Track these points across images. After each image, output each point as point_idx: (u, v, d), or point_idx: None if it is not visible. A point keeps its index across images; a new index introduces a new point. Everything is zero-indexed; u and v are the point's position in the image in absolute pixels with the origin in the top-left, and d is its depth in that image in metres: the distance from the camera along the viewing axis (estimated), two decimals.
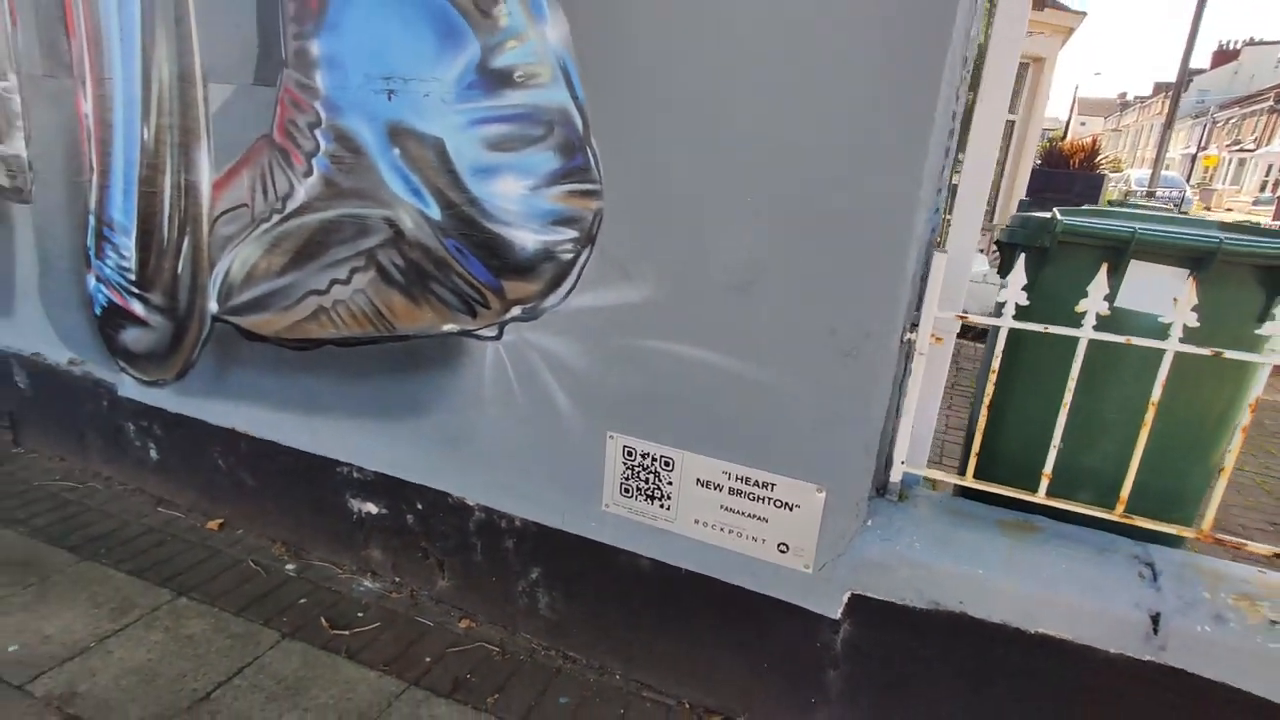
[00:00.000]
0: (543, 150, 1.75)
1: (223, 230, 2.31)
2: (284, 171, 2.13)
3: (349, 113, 1.97)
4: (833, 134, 1.48)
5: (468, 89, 1.79)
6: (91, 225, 2.60)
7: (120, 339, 2.70)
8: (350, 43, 1.91)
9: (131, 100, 2.32)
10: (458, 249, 1.93)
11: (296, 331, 2.28)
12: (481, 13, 1.73)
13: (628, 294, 1.75)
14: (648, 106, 1.62)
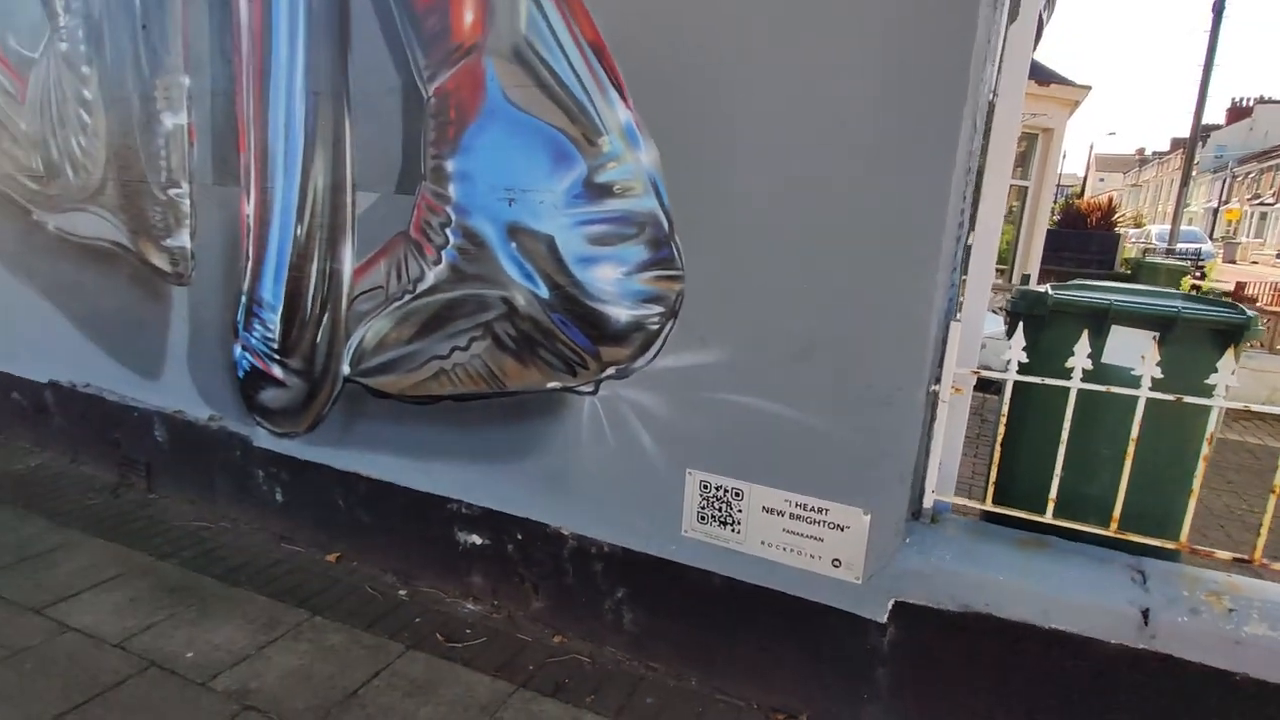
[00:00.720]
0: (636, 244, 2.23)
1: (360, 307, 2.82)
2: (417, 260, 2.64)
3: (475, 215, 2.48)
4: (869, 245, 1.93)
5: (575, 198, 2.29)
6: (243, 303, 3.13)
7: (259, 398, 3.20)
8: (479, 162, 2.43)
9: (289, 204, 2.88)
10: (562, 321, 2.40)
11: (419, 390, 2.75)
12: (589, 141, 2.24)
13: (704, 357, 2.20)
14: (719, 213, 2.10)
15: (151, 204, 3.28)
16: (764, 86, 1.98)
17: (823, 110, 1.93)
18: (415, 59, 2.47)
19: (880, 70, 1.85)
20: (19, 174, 3.76)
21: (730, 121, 2.04)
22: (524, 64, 2.28)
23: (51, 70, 3.44)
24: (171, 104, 3.09)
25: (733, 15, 1.99)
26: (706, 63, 2.04)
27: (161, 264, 3.34)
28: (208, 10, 2.89)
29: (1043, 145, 9.82)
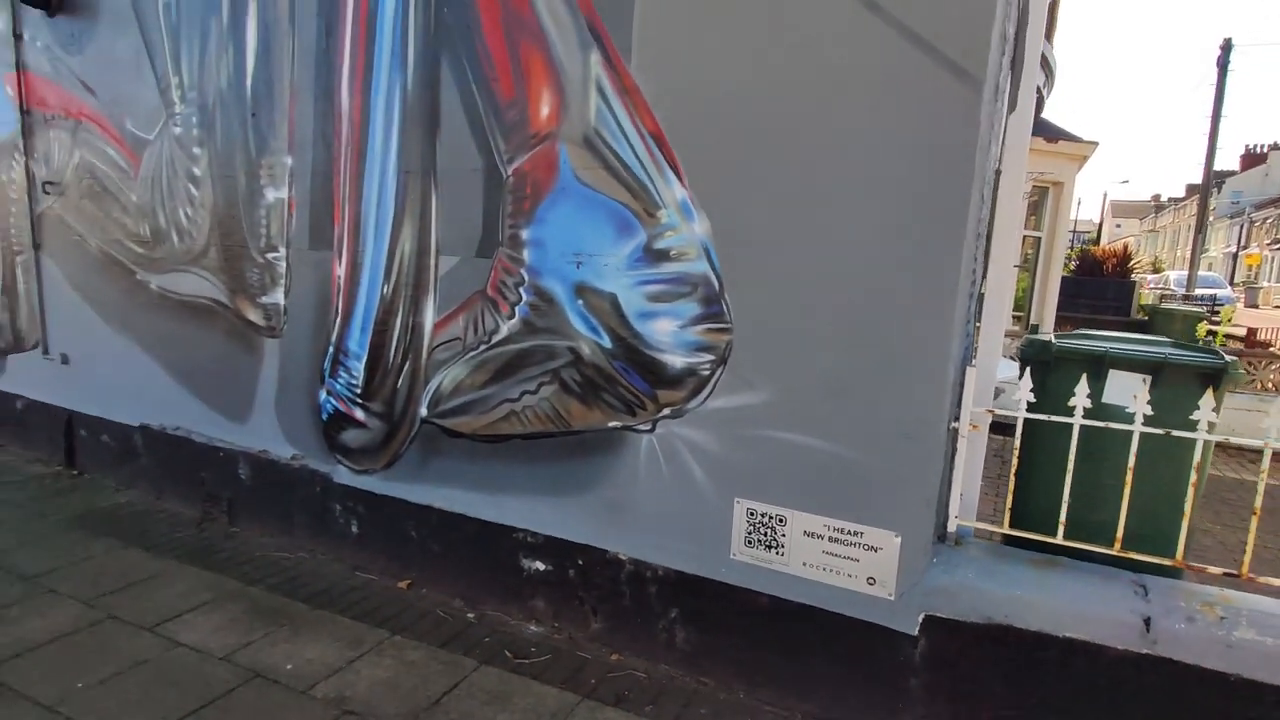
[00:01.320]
0: (689, 302, 2.58)
1: (438, 356, 3.18)
2: (492, 315, 3.01)
3: (546, 276, 2.86)
4: (892, 300, 2.27)
5: (636, 261, 2.66)
6: (330, 353, 3.51)
7: (340, 438, 3.55)
8: (551, 230, 2.82)
9: (378, 266, 3.28)
10: (624, 368, 2.74)
11: (490, 429, 3.09)
12: (648, 214, 2.62)
13: (750, 398, 2.52)
14: (763, 274, 2.45)
15: (250, 266, 3.71)
16: (800, 170, 2.35)
17: (851, 188, 2.29)
18: (496, 144, 2.89)
19: (900, 155, 2.22)
20: (127, 239, 4.24)
21: (773, 200, 2.40)
22: (593, 149, 2.68)
23: (165, 150, 3.94)
24: (274, 180, 3.54)
25: (771, 112, 2.37)
26: (752, 151, 2.42)
27: (256, 319, 3.75)
28: (313, 102, 3.35)
29: (1054, 197, 10.19)
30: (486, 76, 2.87)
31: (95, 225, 4.38)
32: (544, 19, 2.71)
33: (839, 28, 2.24)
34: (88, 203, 4.38)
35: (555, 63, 2.71)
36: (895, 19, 2.15)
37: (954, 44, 2.09)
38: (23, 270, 4.88)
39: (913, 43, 2.14)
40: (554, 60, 2.71)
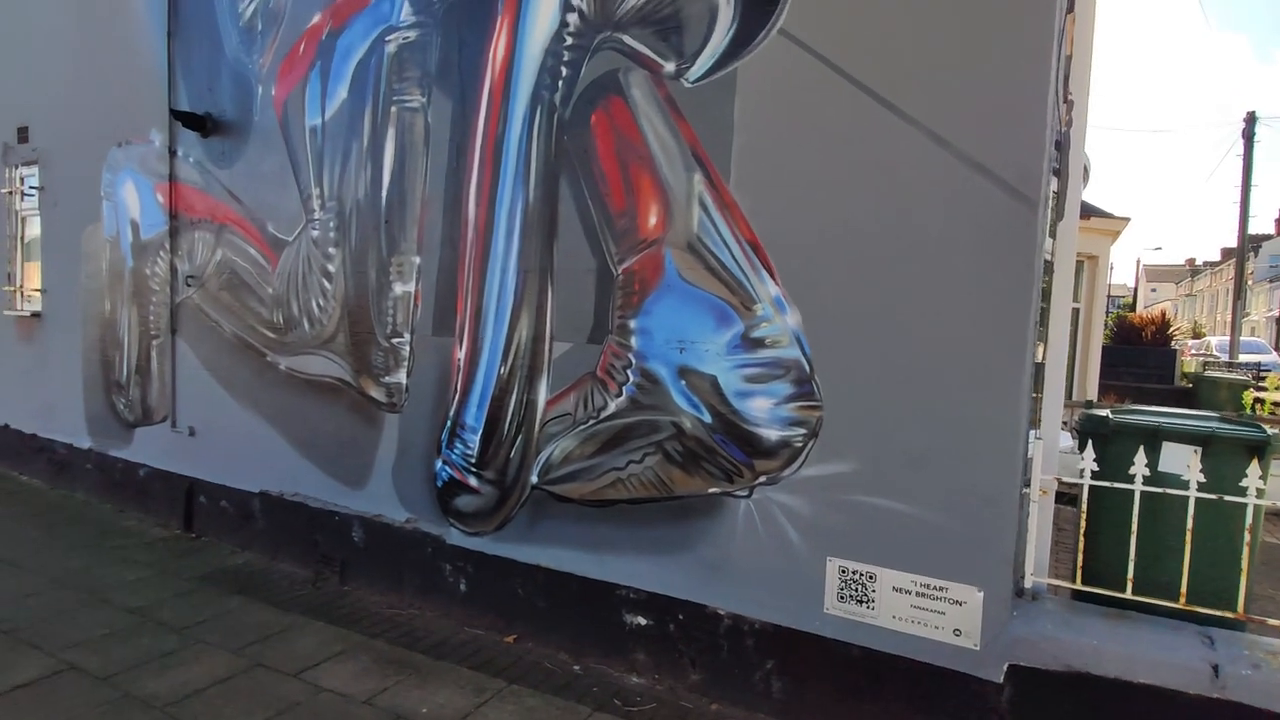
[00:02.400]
0: (783, 383, 2.98)
1: (550, 429, 3.60)
2: (601, 393, 3.44)
3: (652, 359, 3.29)
4: (966, 380, 2.64)
5: (734, 348, 3.08)
6: (447, 426, 3.96)
7: (454, 503, 3.96)
8: (657, 321, 3.27)
9: (496, 350, 3.75)
10: (723, 440, 3.12)
11: (597, 495, 3.47)
12: (745, 307, 3.05)
13: (840, 467, 2.88)
14: (849, 358, 2.84)
15: (375, 350, 4.22)
16: (880, 271, 2.78)
17: (924, 285, 2.70)
18: (608, 248, 3.38)
19: (967, 258, 2.63)
20: (260, 326, 4.81)
21: (856, 296, 2.83)
22: (695, 253, 3.15)
23: (302, 249, 4.54)
24: (403, 276, 4.09)
25: (853, 223, 2.82)
26: (837, 255, 2.86)
27: (379, 395, 4.23)
28: (442, 212, 3.92)
29: (1089, 270, 10.53)
30: (600, 192, 3.39)
31: (231, 313, 4.98)
32: (653, 145, 3.24)
33: (911, 157, 2.71)
34: (225, 294, 5.00)
35: (662, 181, 3.22)
36: (961, 150, 2.61)
37: (1012, 172, 2.54)
38: (158, 353, 5.48)
39: (976, 170, 2.59)
40: (661, 179, 3.22)
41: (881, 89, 2.74)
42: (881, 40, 2.74)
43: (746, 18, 2.99)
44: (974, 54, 2.60)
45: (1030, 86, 2.53)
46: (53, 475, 6.56)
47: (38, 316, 6.52)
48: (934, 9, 2.66)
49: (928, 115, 2.67)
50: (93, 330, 6.00)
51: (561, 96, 3.48)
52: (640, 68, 3.26)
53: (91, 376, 6.05)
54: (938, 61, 2.65)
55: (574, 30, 3.43)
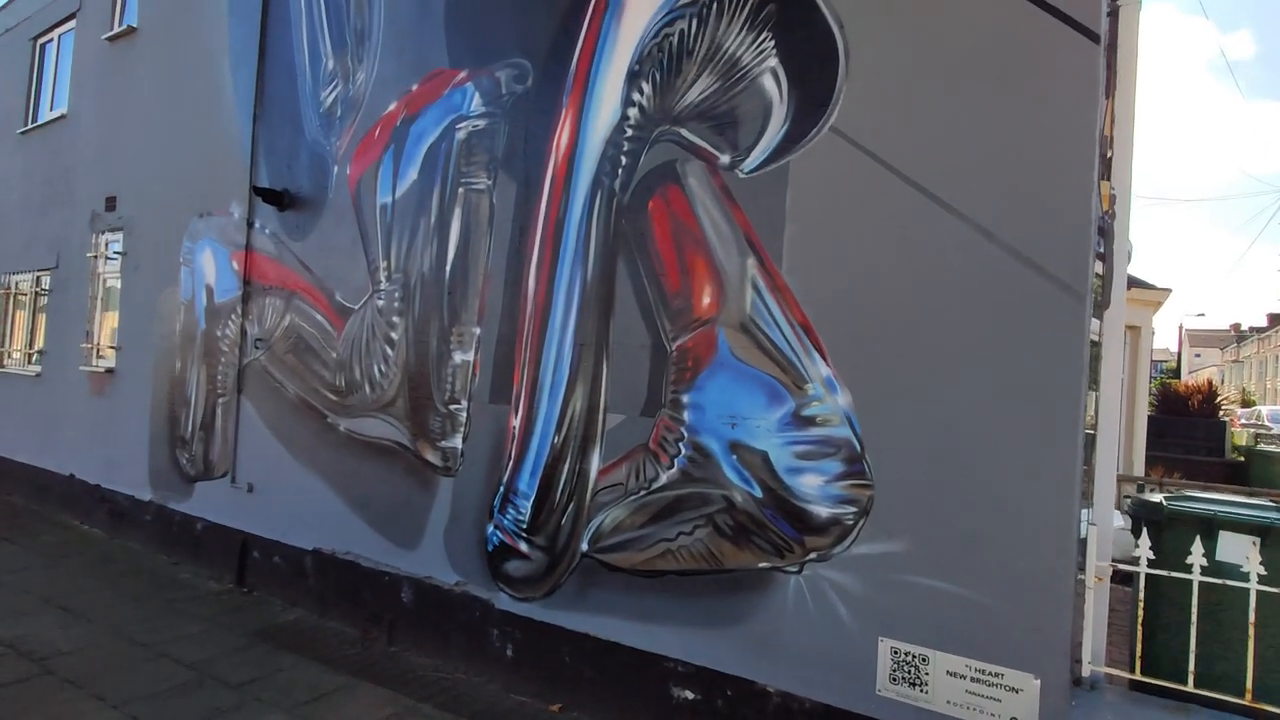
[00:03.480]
0: (833, 460, 3.06)
1: (601, 499, 3.70)
2: (653, 465, 3.54)
3: (704, 434, 3.40)
4: (1019, 462, 2.70)
5: (785, 425, 3.18)
6: (500, 492, 4.08)
7: (504, 568, 4.05)
8: (709, 396, 3.39)
9: (550, 420, 3.90)
10: (773, 516, 3.19)
11: (647, 565, 3.53)
12: (796, 386, 3.17)
13: (892, 546, 2.92)
14: (901, 439, 2.92)
15: (433, 415, 4.40)
16: (931, 356, 2.88)
17: (975, 370, 2.79)
18: (663, 325, 3.55)
19: (1018, 344, 2.72)
20: (322, 388, 5.05)
21: (907, 378, 2.92)
22: (748, 333, 3.29)
23: (367, 317, 4.80)
24: (463, 345, 4.30)
25: (904, 310, 2.94)
26: (888, 339, 2.98)
27: (434, 459, 4.39)
28: (503, 286, 4.14)
29: (1132, 341, 10.43)
30: (656, 272, 3.58)
31: (295, 375, 5.23)
32: (708, 231, 3.43)
33: (959, 248, 2.84)
34: (291, 356, 5.27)
35: (716, 264, 3.40)
36: (1007, 243, 2.74)
37: (1058, 263, 2.65)
38: (223, 410, 5.75)
39: (1022, 261, 2.71)
40: (715, 262, 3.40)
41: (929, 184, 2.90)
42: (929, 138, 2.91)
43: (799, 116, 3.20)
44: (1018, 150, 2.76)
45: (1072, 181, 2.66)
46: (112, 525, 6.81)
47: (111, 373, 6.89)
48: (978, 110, 2.83)
49: (974, 209, 2.81)
50: (162, 387, 6.33)
51: (621, 183, 3.71)
52: (697, 158, 3.49)
53: (158, 431, 6.34)
54: (983, 158, 2.81)
55: (634, 123, 3.68)
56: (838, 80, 3.10)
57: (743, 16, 3.36)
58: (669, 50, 3.57)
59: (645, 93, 3.64)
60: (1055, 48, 2.70)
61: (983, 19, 2.84)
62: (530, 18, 4.13)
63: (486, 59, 4.30)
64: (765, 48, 3.30)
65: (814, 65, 3.17)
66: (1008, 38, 2.79)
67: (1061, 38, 2.68)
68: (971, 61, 2.85)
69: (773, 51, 3.28)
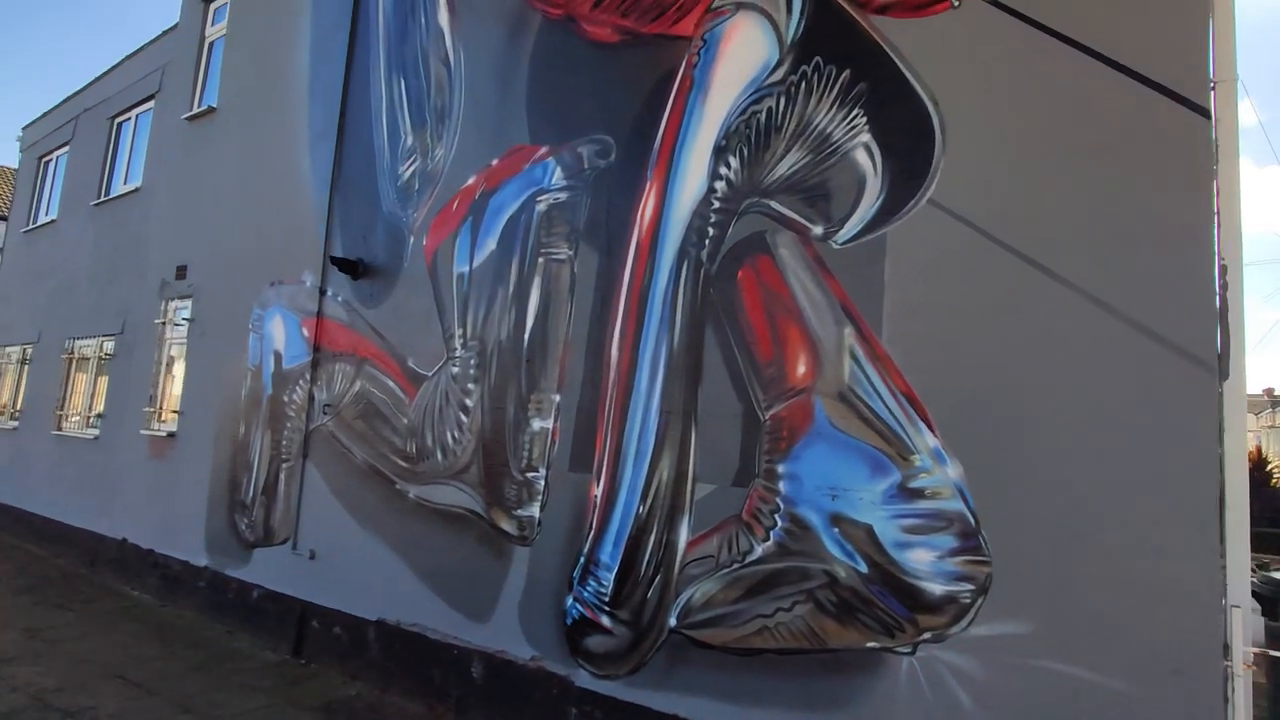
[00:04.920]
0: (946, 535, 2.96)
1: (690, 572, 3.61)
2: (747, 537, 3.46)
3: (801, 505, 3.32)
4: (1153, 542, 2.59)
5: (891, 498, 3.10)
6: (580, 563, 4.00)
7: (584, 643, 3.92)
8: (806, 467, 3.33)
9: (635, 489, 3.85)
10: (880, 593, 3.08)
11: (741, 643, 3.40)
12: (901, 457, 3.10)
13: (1014, 628, 2.79)
14: (1019, 515, 2.83)
15: (509, 482, 4.37)
16: (1047, 428, 2.82)
17: (1096, 443, 2.72)
18: (755, 394, 3.52)
19: (1143, 415, 2.66)
20: (391, 454, 5.05)
21: (1024, 451, 2.85)
22: (847, 402, 3.26)
23: (441, 384, 4.83)
24: (541, 413, 4.29)
25: (1016, 381, 2.90)
26: (1001, 410, 2.92)
27: (509, 528, 4.33)
28: (584, 354, 4.16)
29: None
30: (747, 341, 3.58)
31: (363, 441, 5.25)
32: (801, 300, 3.44)
33: (1071, 319, 2.81)
34: (360, 422, 5.29)
35: (811, 333, 3.40)
36: (1126, 315, 2.71)
37: (1185, 336, 2.61)
38: (286, 476, 5.76)
39: (1147, 335, 2.67)
40: (810, 331, 3.40)
41: (1037, 255, 2.90)
42: (1034, 211, 2.93)
43: (894, 188, 3.25)
44: (1131, 222, 2.76)
45: (1190, 253, 2.65)
46: (164, 592, 6.75)
47: (172, 437, 6.97)
48: (1085, 183, 2.86)
49: (1088, 281, 2.80)
50: (224, 452, 6.37)
51: (708, 253, 3.76)
52: (787, 229, 3.53)
53: (217, 496, 6.36)
54: (1094, 230, 2.82)
55: (721, 195, 3.76)
56: (934, 155, 3.16)
57: (832, 94, 3.46)
58: (756, 126, 3.67)
59: (732, 166, 3.73)
60: (1164, 123, 2.73)
61: (1087, 96, 2.89)
62: (612, 97, 4.29)
63: (568, 135, 4.45)
64: (857, 124, 3.38)
65: (909, 140, 3.23)
66: (1115, 113, 2.84)
67: (1171, 114, 2.72)
68: (1077, 137, 2.90)
69: (865, 127, 3.36)
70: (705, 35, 3.92)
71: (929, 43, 3.23)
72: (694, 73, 3.92)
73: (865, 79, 3.38)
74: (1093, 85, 2.88)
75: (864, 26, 3.41)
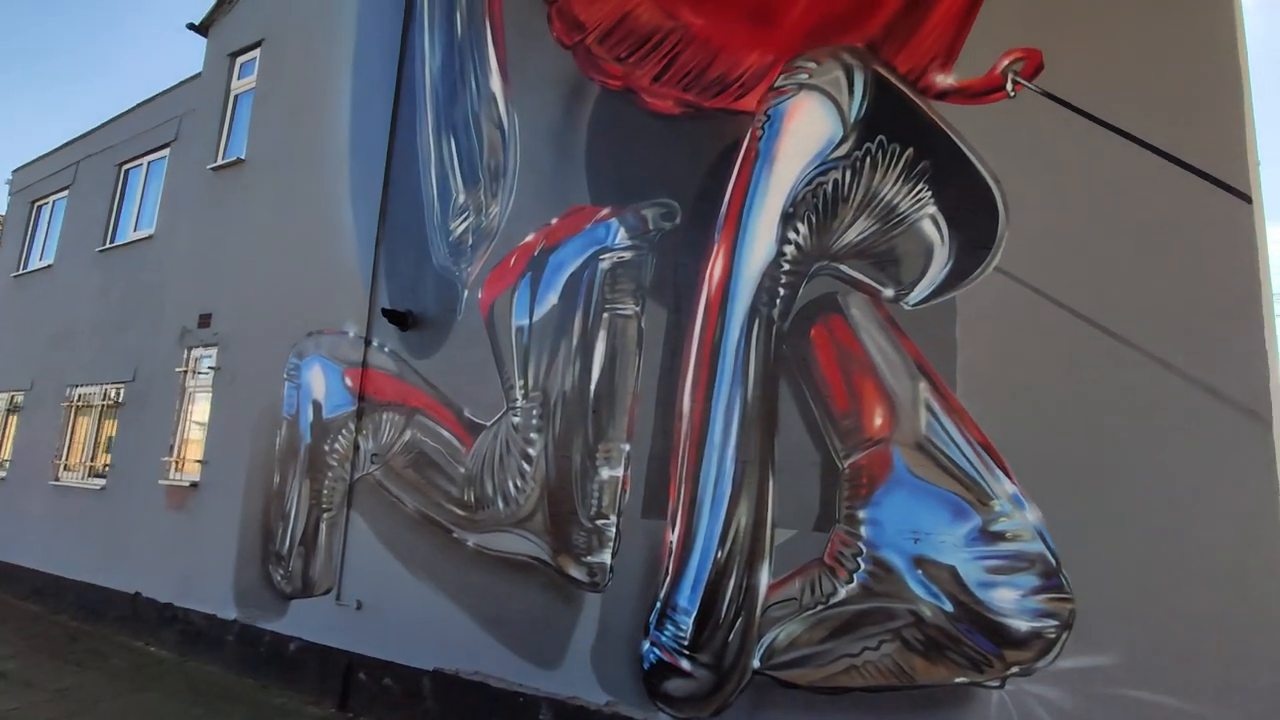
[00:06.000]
0: (1029, 574, 3.22)
1: (772, 614, 3.79)
2: (829, 580, 3.66)
3: (884, 548, 3.55)
4: (1230, 576, 2.89)
5: (972, 541, 3.35)
6: (657, 607, 4.14)
7: (663, 687, 4.04)
8: (887, 512, 3.57)
9: (712, 534, 4.03)
10: (967, 630, 3.31)
11: (828, 682, 3.58)
12: (981, 503, 3.37)
13: (1101, 660, 3.04)
14: (1098, 555, 3.10)
15: (577, 530, 4.50)
16: (1117, 474, 3.12)
17: (1170, 494, 3.02)
18: (833, 444, 3.77)
19: (1210, 467, 2.97)
20: (447, 503, 5.13)
21: (1098, 497, 3.14)
22: (924, 452, 3.52)
23: (501, 433, 4.96)
24: (610, 461, 4.46)
25: (1086, 430, 3.21)
26: (1074, 458, 3.22)
27: (579, 575, 4.45)
28: (654, 405, 4.37)
29: None
30: (822, 394, 3.84)
31: (415, 490, 5.32)
32: (875, 357, 3.72)
33: (1132, 374, 3.14)
34: (411, 471, 5.37)
35: (885, 387, 3.67)
36: (1186, 373, 3.05)
37: (1242, 392, 2.95)
38: (327, 526, 5.77)
39: (1206, 391, 3.01)
40: (885, 386, 3.67)
41: (1098, 318, 3.24)
42: (1099, 280, 3.28)
43: (962, 256, 3.58)
44: (1189, 290, 3.12)
45: (1243, 321, 3.01)
46: (184, 646, 6.59)
47: (195, 486, 6.88)
48: (1144, 255, 3.22)
49: (1145, 340, 3.14)
50: (255, 502, 6.33)
51: (780, 311, 4.03)
52: (858, 291, 3.83)
53: (248, 547, 6.29)
54: (1154, 296, 3.16)
55: (791, 259, 4.05)
56: (999, 228, 3.50)
57: (897, 170, 3.80)
58: (824, 196, 3.99)
59: (801, 232, 4.04)
60: (1213, 205, 3.11)
61: (1137, 176, 3.27)
62: (675, 163, 4.59)
63: (630, 198, 4.72)
64: (922, 197, 3.72)
65: (974, 214, 3.58)
66: (1162, 192, 3.21)
67: (1216, 197, 3.11)
68: (1131, 213, 3.27)
69: (930, 200, 3.70)
70: (769, 111, 4.25)
71: (988, 127, 3.60)
72: (759, 145, 4.25)
73: (928, 157, 3.73)
74: (1142, 165, 3.26)
75: (924, 110, 3.78)
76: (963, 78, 3.69)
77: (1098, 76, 3.41)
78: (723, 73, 4.47)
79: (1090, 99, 3.39)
